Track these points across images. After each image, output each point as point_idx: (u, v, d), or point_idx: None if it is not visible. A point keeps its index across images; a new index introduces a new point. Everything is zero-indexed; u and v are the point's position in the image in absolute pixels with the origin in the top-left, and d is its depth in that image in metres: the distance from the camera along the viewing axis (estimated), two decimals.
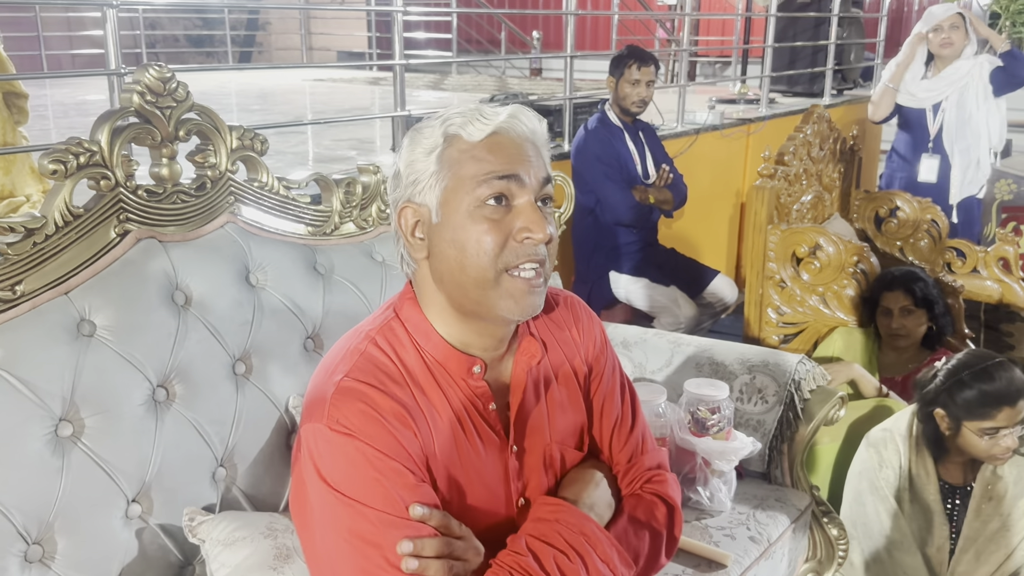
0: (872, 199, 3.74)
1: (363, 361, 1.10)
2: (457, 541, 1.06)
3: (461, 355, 1.13)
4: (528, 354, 1.18)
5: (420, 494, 1.05)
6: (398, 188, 1.13)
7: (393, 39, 2.88)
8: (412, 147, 1.11)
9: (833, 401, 1.93)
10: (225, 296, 1.57)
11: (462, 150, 1.07)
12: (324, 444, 1.04)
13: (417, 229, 1.11)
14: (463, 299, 1.10)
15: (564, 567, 1.08)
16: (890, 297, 2.77)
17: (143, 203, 1.49)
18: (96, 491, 1.34)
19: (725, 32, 9.99)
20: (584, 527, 1.13)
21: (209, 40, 11.18)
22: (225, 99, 6.19)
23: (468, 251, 1.06)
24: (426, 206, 1.09)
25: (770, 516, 1.80)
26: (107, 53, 2.19)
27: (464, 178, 1.07)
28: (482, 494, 1.15)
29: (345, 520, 1.02)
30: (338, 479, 1.03)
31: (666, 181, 3.42)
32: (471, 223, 1.06)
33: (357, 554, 1.02)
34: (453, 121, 1.09)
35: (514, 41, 9.14)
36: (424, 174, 1.09)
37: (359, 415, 1.04)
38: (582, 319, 1.30)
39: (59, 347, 1.34)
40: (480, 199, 1.06)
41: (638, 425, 1.30)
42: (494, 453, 1.16)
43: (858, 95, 6.37)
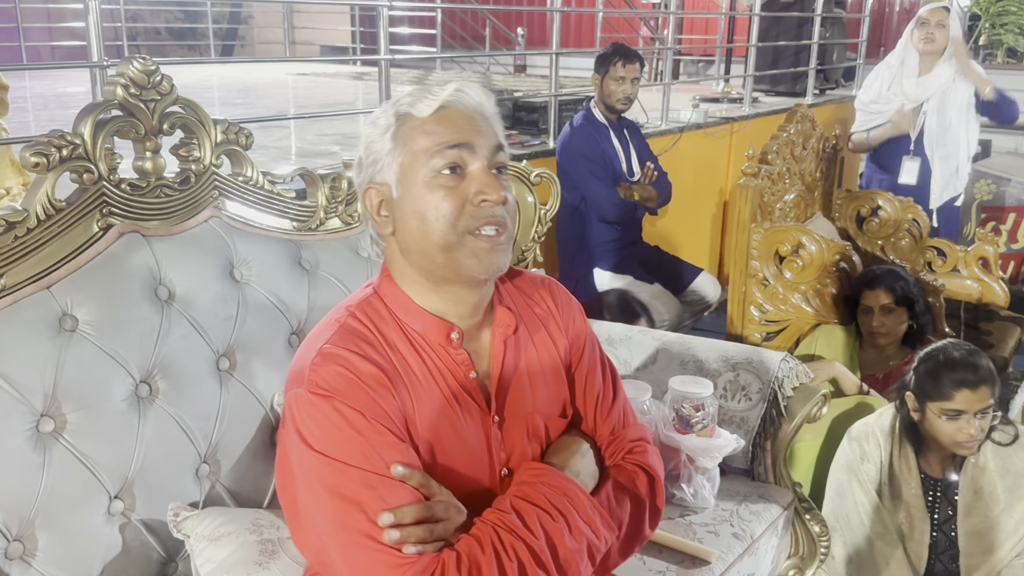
0: (854, 198, 3.77)
1: (343, 331, 1.13)
2: (437, 503, 1.07)
3: (439, 322, 1.17)
4: (503, 324, 1.22)
5: (401, 453, 1.07)
6: (360, 173, 1.19)
7: (379, 34, 2.87)
8: (368, 132, 1.17)
9: (816, 399, 1.94)
10: (209, 291, 1.56)
11: (414, 126, 1.12)
12: (305, 407, 1.07)
13: (382, 208, 1.16)
14: (432, 266, 1.14)
15: (547, 526, 1.10)
16: (871, 295, 2.79)
17: (126, 197, 1.48)
18: (78, 487, 1.33)
19: (708, 31, 10.02)
20: (568, 490, 1.16)
21: (191, 33, 11.10)
22: (207, 92, 6.14)
23: (428, 218, 1.11)
24: (386, 184, 1.15)
25: (753, 513, 1.81)
26: (89, 45, 2.17)
27: (418, 151, 1.12)
28: (465, 462, 1.16)
29: (327, 480, 1.04)
30: (319, 440, 1.05)
31: (651, 179, 3.43)
32: (428, 192, 1.11)
33: (339, 513, 1.03)
34: (403, 101, 1.15)
35: (498, 37, 9.12)
36: (381, 154, 1.14)
37: (337, 377, 1.07)
38: (560, 296, 1.33)
39: (41, 342, 1.32)
40: (435, 169, 1.11)
41: (619, 399, 1.33)
42: (476, 423, 1.18)
43: (840, 95, 6.41)
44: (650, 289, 3.36)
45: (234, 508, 1.51)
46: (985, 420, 2.04)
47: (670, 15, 4.83)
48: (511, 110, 3.84)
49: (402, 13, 9.35)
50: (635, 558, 1.63)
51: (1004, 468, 2.07)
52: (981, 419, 2.03)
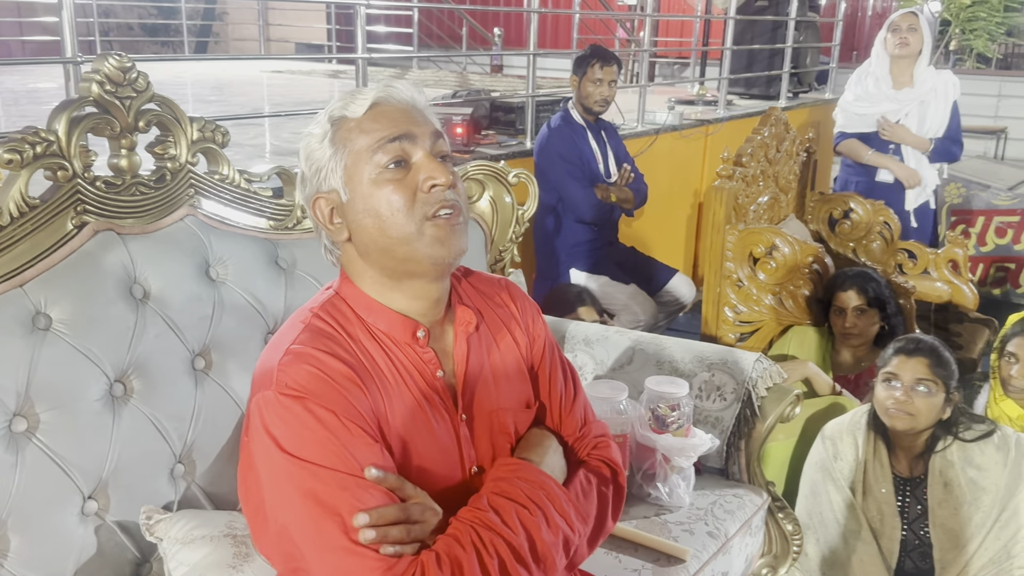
0: (826, 201, 3.81)
1: (308, 332, 1.12)
2: (413, 505, 1.07)
3: (404, 320, 1.16)
4: (464, 322, 1.22)
5: (374, 454, 1.06)
6: (306, 186, 1.17)
7: (356, 32, 2.86)
8: (306, 143, 1.16)
9: (789, 399, 1.96)
10: (185, 290, 1.55)
11: (350, 128, 1.13)
12: (275, 409, 1.05)
13: (333, 215, 1.15)
14: (392, 261, 1.13)
15: (525, 520, 1.11)
16: (844, 297, 2.83)
17: (101, 194, 1.46)
18: (51, 488, 1.32)
19: (683, 33, 10.08)
20: (543, 484, 1.17)
21: (164, 29, 11.00)
22: (180, 89, 6.08)
23: (383, 214, 1.11)
24: (334, 190, 1.14)
25: (727, 512, 1.83)
26: (63, 41, 2.14)
27: (359, 151, 1.12)
28: (436, 460, 1.16)
29: (300, 483, 1.02)
30: (291, 442, 1.03)
31: (627, 180, 3.45)
32: (377, 189, 1.11)
33: (314, 517, 1.02)
34: (335, 106, 1.15)
35: (475, 37, 9.12)
36: (323, 161, 1.14)
37: (308, 376, 1.06)
38: (518, 296, 1.34)
39: (13, 341, 1.31)
40: (380, 165, 1.11)
41: (580, 396, 1.35)
42: (445, 422, 1.18)
43: (814, 98, 6.48)
44: (626, 290, 3.38)
45: (208, 511, 1.51)
46: (920, 397, 2.10)
47: (646, 17, 4.85)
48: (488, 110, 3.84)
49: (379, 11, 9.32)
50: (611, 556, 1.65)
51: (966, 461, 2.11)
52: (914, 392, 2.11)
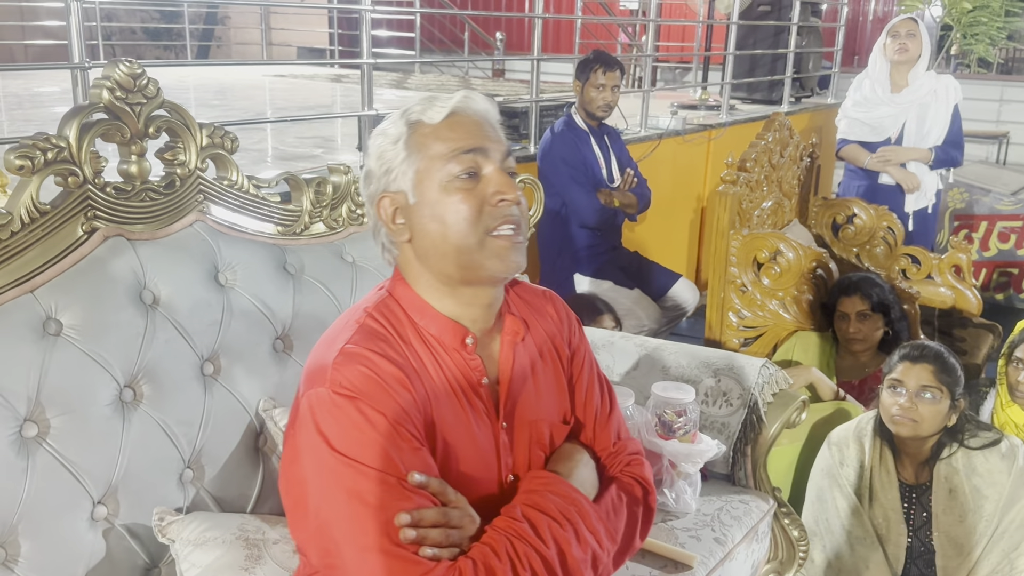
0: (830, 206, 3.81)
1: (362, 331, 1.13)
2: (453, 510, 1.08)
3: (455, 326, 1.18)
4: (512, 332, 1.24)
5: (419, 458, 1.07)
6: (371, 184, 1.19)
7: (361, 38, 2.86)
8: (379, 143, 1.18)
9: (795, 404, 1.96)
10: (194, 296, 1.55)
11: (426, 133, 1.14)
12: (327, 407, 1.06)
13: (396, 216, 1.16)
14: (450, 268, 1.14)
15: (557, 535, 1.12)
16: (847, 302, 2.83)
17: (111, 200, 1.47)
18: (61, 493, 1.33)
19: (686, 38, 10.10)
20: (575, 499, 1.18)
21: (167, 33, 11.01)
22: (183, 93, 6.09)
23: (448, 221, 1.12)
24: (402, 191, 1.15)
25: (734, 518, 1.83)
26: (70, 46, 2.15)
27: (433, 157, 1.13)
28: (475, 466, 1.17)
29: (346, 481, 1.03)
30: (340, 441, 1.04)
31: (630, 185, 3.46)
32: (446, 196, 1.12)
33: (357, 515, 1.03)
34: (413, 109, 1.17)
35: (477, 42, 9.13)
36: (395, 162, 1.15)
37: (361, 378, 1.07)
38: (560, 308, 1.36)
39: (24, 346, 1.31)
40: (452, 174, 1.12)
41: (615, 412, 1.36)
42: (486, 428, 1.19)
43: (816, 103, 6.48)
44: (630, 295, 3.38)
45: (219, 513, 1.51)
46: (925, 404, 2.11)
47: (648, 22, 4.86)
48: None
49: (381, 16, 9.33)
50: None
51: (971, 468, 2.11)
52: (919, 399, 2.11)
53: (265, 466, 1.62)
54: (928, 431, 2.11)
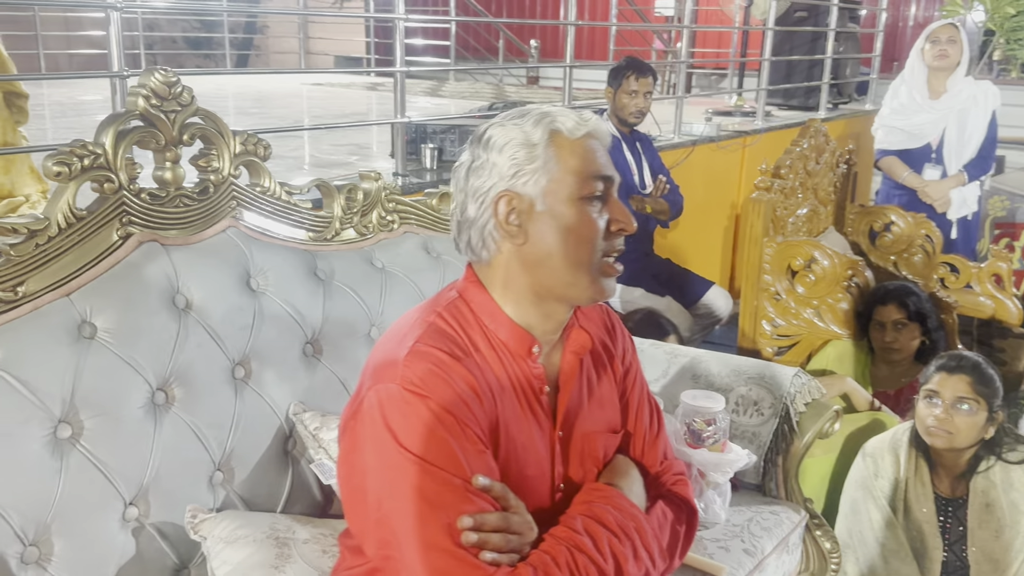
0: (867, 213, 3.76)
1: (432, 330, 1.13)
2: (513, 515, 1.09)
3: (525, 334, 1.18)
4: (578, 344, 1.24)
5: (484, 461, 1.08)
6: (486, 176, 1.15)
7: (395, 46, 2.88)
8: (510, 139, 1.15)
9: (828, 415, 1.94)
10: (226, 300, 1.57)
11: (563, 145, 1.14)
12: (397, 403, 1.07)
13: (511, 216, 1.14)
14: (552, 281, 1.15)
15: (615, 549, 1.13)
16: (883, 311, 2.79)
17: (146, 206, 1.49)
18: (94, 493, 1.35)
19: (721, 44, 10.04)
20: (633, 515, 1.19)
21: (207, 42, 11.18)
22: (222, 102, 6.18)
23: (572, 238, 1.13)
24: (527, 195, 1.13)
25: (764, 528, 1.81)
26: (110, 55, 2.19)
27: (570, 171, 1.13)
28: (532, 473, 1.18)
29: (412, 478, 1.04)
30: (408, 438, 1.05)
31: (663, 191, 3.44)
32: (576, 213, 1.13)
33: (419, 513, 1.04)
34: (555, 118, 1.15)
35: (512, 49, 9.16)
36: (527, 165, 1.13)
37: (432, 377, 1.08)
38: (617, 325, 1.36)
39: (60, 349, 1.34)
40: (586, 193, 1.13)
41: (662, 433, 1.37)
42: (543, 436, 1.20)
43: (853, 109, 6.41)
44: (661, 302, 3.36)
45: (251, 512, 1.52)
46: (961, 415, 2.07)
47: (683, 28, 4.84)
48: None
49: (416, 24, 9.40)
50: None
51: (1008, 483, 2.07)
52: (955, 411, 2.07)
53: (294, 469, 1.63)
54: (964, 443, 2.07)
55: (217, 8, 7.37)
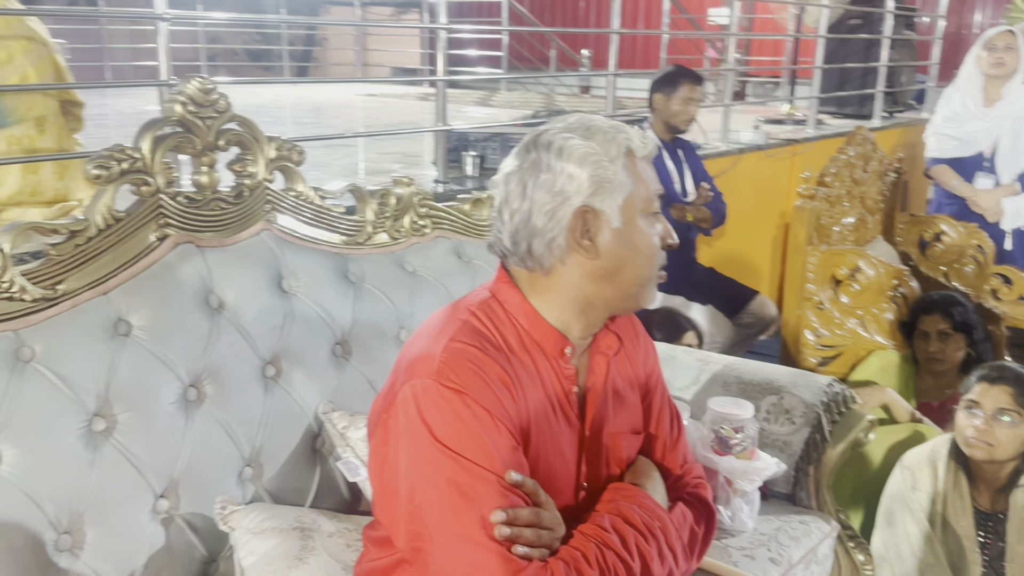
0: (916, 223, 3.69)
1: (466, 328, 1.16)
2: (545, 511, 1.11)
3: (558, 335, 1.20)
4: (607, 345, 1.26)
5: (516, 458, 1.11)
6: (561, 190, 1.14)
7: (436, 56, 2.93)
8: (584, 154, 1.14)
9: (862, 424, 1.91)
10: (258, 301, 1.61)
11: (635, 163, 1.18)
12: (433, 397, 1.09)
13: (586, 231, 1.15)
14: (614, 294, 1.18)
15: (642, 548, 1.15)
16: (928, 320, 2.74)
17: (182, 209, 1.54)
18: (125, 485, 1.39)
19: (777, 52, 9.92)
20: (660, 516, 1.21)
21: (267, 54, 11.42)
22: (280, 112, 6.30)
23: (642, 254, 1.17)
24: (604, 212, 1.15)
25: (792, 538, 1.79)
26: (160, 65, 2.27)
27: (641, 189, 1.17)
28: (558, 471, 1.20)
29: (446, 472, 1.06)
30: (444, 432, 1.07)
31: (705, 199, 3.41)
32: (646, 229, 1.18)
33: (453, 507, 1.06)
34: (629, 136, 1.18)
35: (564, 59, 9.18)
36: (608, 181, 1.14)
37: (468, 373, 1.10)
38: (641, 330, 1.38)
39: (96, 345, 1.39)
40: (651, 209, 1.19)
41: (682, 437, 1.39)
42: (572, 436, 1.22)
43: (910, 118, 6.28)
44: (702, 310, 3.34)
45: (278, 505, 1.56)
46: (1002, 427, 2.03)
47: (731, 36, 4.82)
48: None
49: (470, 36, 9.49)
50: None
51: None
52: (996, 422, 2.03)
53: (322, 467, 1.66)
54: (1005, 456, 2.02)
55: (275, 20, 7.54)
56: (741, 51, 8.05)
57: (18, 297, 1.32)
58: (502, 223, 1.18)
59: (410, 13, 12.47)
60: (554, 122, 1.20)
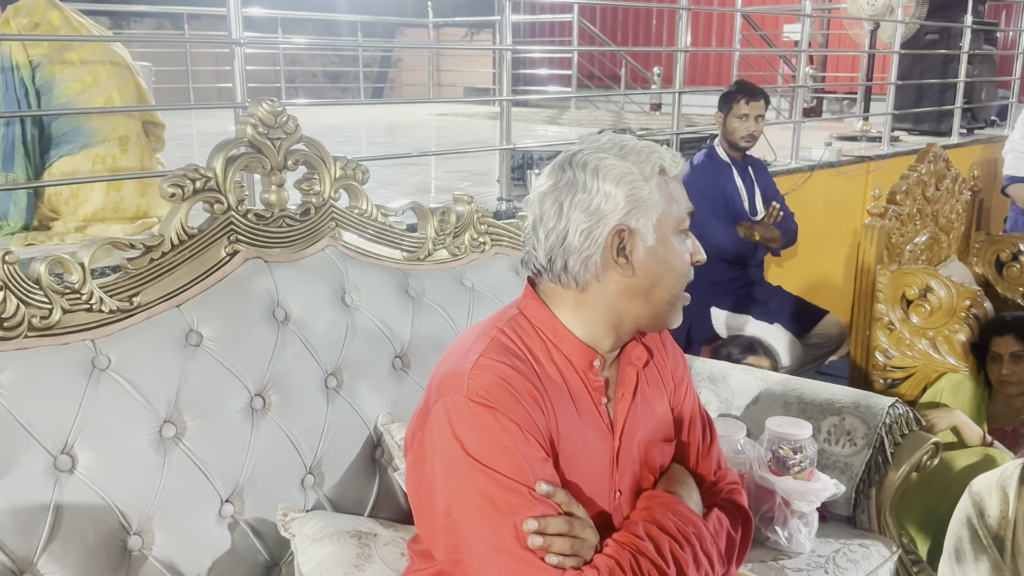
0: (993, 242, 3.59)
1: (495, 345, 1.19)
2: (576, 520, 1.14)
3: (587, 349, 1.22)
4: (636, 357, 1.29)
5: (546, 469, 1.14)
6: (598, 208, 1.16)
7: (501, 75, 2.98)
8: (620, 174, 1.17)
9: (925, 447, 1.87)
10: (321, 315, 1.67)
11: (668, 182, 1.20)
12: (464, 414, 1.12)
13: (623, 249, 1.18)
14: (644, 311, 1.21)
15: (678, 555, 1.16)
16: (1000, 342, 2.66)
17: (252, 226, 1.61)
18: (193, 489, 1.46)
19: (854, 68, 9.75)
20: (694, 522, 1.23)
21: (344, 76, 11.73)
22: (355, 132, 6.46)
23: (674, 271, 1.20)
24: (640, 230, 1.17)
25: (851, 561, 1.76)
26: (234, 87, 2.37)
27: (673, 207, 1.20)
28: (590, 481, 1.22)
29: (480, 485, 1.10)
30: (476, 447, 1.11)
31: (775, 218, 3.37)
32: (678, 246, 1.20)
33: (488, 519, 1.09)
34: (662, 155, 1.20)
35: (636, 77, 9.19)
36: (644, 200, 1.17)
37: (497, 388, 1.13)
38: (669, 341, 1.40)
39: (168, 355, 1.46)
40: (682, 228, 1.21)
41: (715, 443, 1.40)
42: (604, 445, 1.24)
43: (990, 135, 6.10)
44: (769, 330, 3.30)
45: (337, 513, 1.61)
46: None
47: (802, 53, 4.76)
48: None
49: (541, 55, 9.58)
50: None
51: None
52: None
53: (381, 477, 1.71)
54: None
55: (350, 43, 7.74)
56: (816, 67, 7.93)
57: (96, 308, 1.40)
58: (537, 241, 1.21)
59: (483, 33, 12.65)
60: (587, 142, 1.22)
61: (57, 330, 1.37)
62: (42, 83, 2.27)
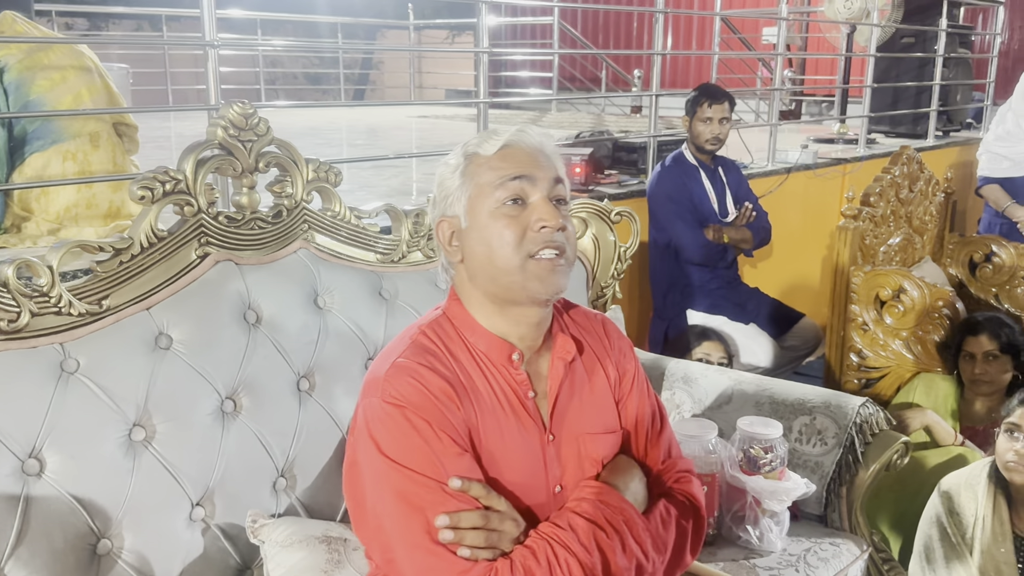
0: (966, 243, 3.63)
1: (414, 347, 1.24)
2: (493, 513, 1.16)
3: (502, 343, 1.26)
4: (563, 350, 1.31)
5: (462, 464, 1.16)
6: (434, 209, 1.31)
7: (478, 78, 2.99)
8: (440, 172, 1.30)
9: (896, 447, 1.89)
10: (294, 317, 1.67)
11: (480, 164, 1.25)
12: (378, 414, 1.17)
13: (452, 238, 1.27)
14: (496, 288, 1.24)
15: (601, 542, 1.18)
16: (973, 342, 2.69)
17: (223, 228, 1.61)
18: (162, 493, 1.45)
19: (833, 71, 9.82)
20: (624, 510, 1.24)
21: (325, 78, 11.69)
22: (335, 134, 6.44)
23: (494, 245, 1.22)
24: (456, 216, 1.26)
25: (821, 560, 1.78)
26: (208, 89, 2.37)
27: (483, 185, 1.23)
28: (523, 475, 1.24)
29: (395, 483, 1.13)
30: (389, 446, 1.15)
31: (747, 219, 3.39)
32: (493, 221, 1.22)
33: (403, 515, 1.13)
34: (471, 142, 1.28)
35: (616, 80, 9.21)
36: (451, 189, 1.27)
37: (409, 388, 1.17)
38: (612, 332, 1.42)
39: (137, 358, 1.46)
40: (499, 200, 1.22)
41: (666, 431, 1.41)
42: (533, 440, 1.26)
43: (966, 137, 6.17)
44: (745, 330, 3.31)
45: (307, 519, 1.61)
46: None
47: (778, 56, 4.80)
48: (611, 150, 3.90)
49: (523, 58, 9.59)
50: None
51: None
52: None
53: None
54: None
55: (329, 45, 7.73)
56: (794, 70, 7.98)
57: (65, 312, 1.40)
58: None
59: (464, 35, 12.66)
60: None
61: (25, 333, 1.36)
62: (10, 82, 2.26)
